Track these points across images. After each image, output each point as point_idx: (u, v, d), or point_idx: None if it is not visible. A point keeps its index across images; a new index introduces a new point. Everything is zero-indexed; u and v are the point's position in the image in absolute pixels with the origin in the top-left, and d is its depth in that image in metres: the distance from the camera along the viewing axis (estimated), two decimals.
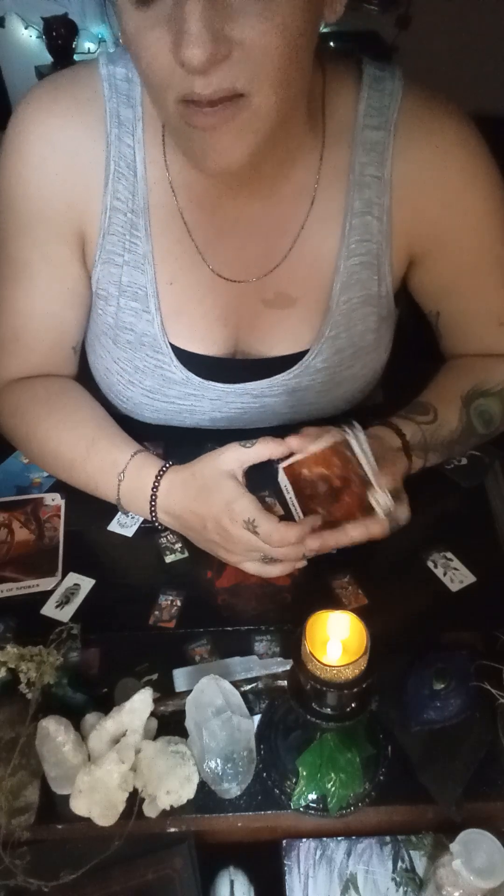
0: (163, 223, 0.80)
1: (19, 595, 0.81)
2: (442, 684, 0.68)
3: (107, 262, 0.82)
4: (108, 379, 0.92)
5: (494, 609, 0.78)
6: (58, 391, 0.89)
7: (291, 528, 0.71)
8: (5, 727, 0.68)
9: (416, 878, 0.63)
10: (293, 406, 0.91)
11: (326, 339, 0.86)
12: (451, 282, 0.87)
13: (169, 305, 0.84)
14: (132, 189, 0.78)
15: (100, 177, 0.78)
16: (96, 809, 0.62)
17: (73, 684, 0.69)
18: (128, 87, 0.76)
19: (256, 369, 0.88)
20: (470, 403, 0.86)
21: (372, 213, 0.81)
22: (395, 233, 0.82)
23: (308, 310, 0.85)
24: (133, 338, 0.86)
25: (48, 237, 0.81)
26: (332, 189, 0.80)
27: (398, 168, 0.79)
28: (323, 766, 0.64)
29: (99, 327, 0.89)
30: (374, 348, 0.90)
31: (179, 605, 0.79)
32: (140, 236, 0.80)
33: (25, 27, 2.71)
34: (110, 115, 0.76)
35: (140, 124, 0.76)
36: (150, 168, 0.78)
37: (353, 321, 0.86)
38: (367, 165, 0.79)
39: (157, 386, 0.89)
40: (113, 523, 0.87)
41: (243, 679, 0.71)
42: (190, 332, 0.86)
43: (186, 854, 0.63)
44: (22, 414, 0.88)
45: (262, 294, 0.84)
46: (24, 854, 0.62)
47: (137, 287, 0.83)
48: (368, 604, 0.79)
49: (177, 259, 0.82)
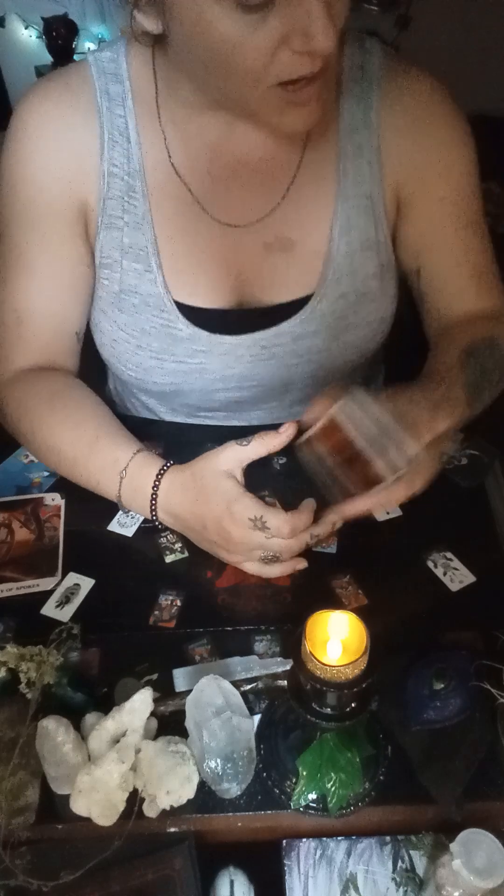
0: (159, 182, 0.85)
1: (19, 595, 0.81)
2: (442, 684, 0.68)
3: (109, 227, 0.86)
4: (115, 350, 0.93)
5: (494, 609, 0.78)
6: (62, 388, 0.90)
7: (299, 515, 0.73)
8: (5, 727, 0.68)
9: (416, 878, 0.63)
10: (303, 356, 0.91)
11: (329, 282, 0.87)
12: (431, 234, 0.90)
13: (170, 262, 0.87)
14: (127, 154, 0.83)
15: (95, 147, 0.83)
16: (96, 809, 0.62)
17: (73, 684, 0.69)
18: (114, 67, 0.83)
19: (263, 319, 0.89)
20: (466, 366, 0.83)
21: (363, 157, 0.85)
22: (385, 176, 0.86)
23: (309, 254, 0.87)
24: (138, 300, 0.88)
25: (48, 217, 0.85)
26: (323, 131, 0.84)
27: (384, 114, 0.84)
28: (323, 766, 0.64)
29: (104, 300, 0.91)
30: (378, 296, 0.91)
31: (179, 605, 0.79)
32: (137, 197, 0.85)
33: (25, 27, 2.72)
34: (100, 92, 0.82)
35: (129, 96, 0.83)
36: (143, 133, 0.83)
37: (354, 265, 0.88)
38: (354, 112, 0.84)
39: (165, 346, 0.90)
40: (113, 523, 0.87)
41: (243, 679, 0.71)
42: (193, 287, 0.88)
43: (186, 854, 0.63)
44: (27, 409, 0.89)
45: (263, 237, 0.87)
46: (24, 854, 0.62)
47: (139, 248, 0.86)
48: (368, 604, 0.79)
49: (175, 214, 0.86)
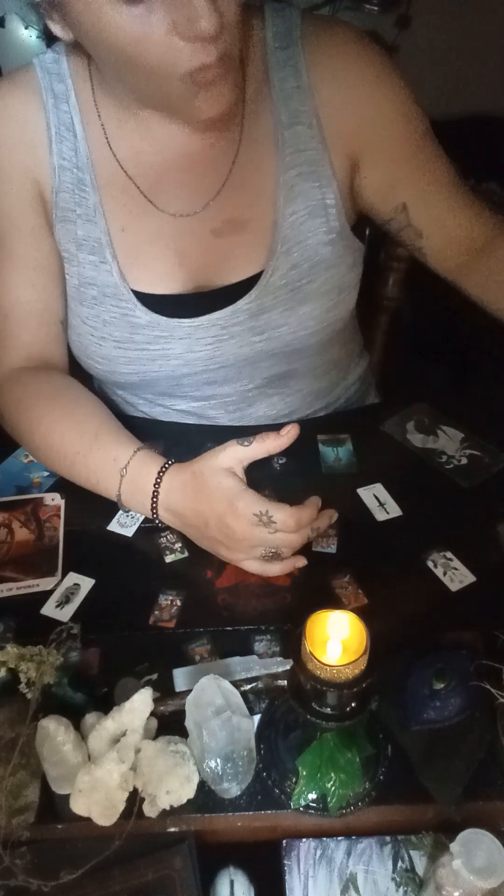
0: (106, 175, 0.88)
1: (19, 595, 0.81)
2: (442, 684, 0.68)
3: (63, 220, 0.89)
4: (80, 343, 0.95)
5: (494, 609, 0.78)
6: (61, 387, 0.91)
7: (304, 509, 0.75)
8: (5, 727, 0.68)
9: (416, 878, 0.63)
10: (262, 331, 0.91)
11: (279, 254, 0.88)
12: (398, 169, 0.90)
13: (124, 252, 0.89)
14: (74, 148, 0.87)
15: (45, 141, 0.87)
16: (96, 809, 0.62)
17: (73, 684, 0.69)
18: (57, 67, 0.87)
19: (220, 300, 0.90)
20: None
21: (301, 122, 0.86)
22: (328, 137, 0.87)
23: (258, 230, 0.89)
24: (96, 291, 0.90)
25: (17, 206, 0.88)
26: (258, 107, 0.86)
27: (314, 74, 0.85)
28: (323, 766, 0.64)
29: (68, 295, 0.93)
30: (333, 264, 0.91)
31: (179, 605, 0.79)
32: (87, 189, 0.87)
33: (25, 27, 2.71)
34: (45, 90, 0.86)
35: (72, 93, 0.86)
36: (88, 129, 0.87)
37: (302, 234, 0.89)
38: (285, 79, 0.86)
39: (127, 335, 0.91)
40: (113, 523, 0.87)
41: (243, 679, 0.71)
42: (149, 275, 0.90)
43: (186, 854, 0.63)
44: (26, 407, 0.89)
45: (210, 223, 0.88)
46: (24, 854, 0.62)
47: (93, 240, 0.89)
48: (368, 604, 0.79)
49: (124, 206, 0.88)
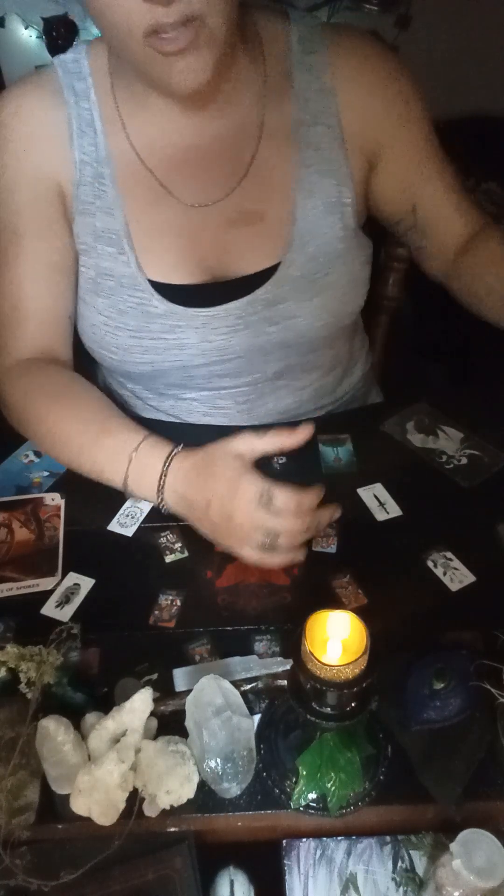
0: (125, 168, 0.90)
1: (19, 595, 0.81)
2: (442, 684, 0.68)
3: (83, 213, 0.91)
4: (95, 334, 0.95)
5: (494, 609, 0.78)
6: (69, 380, 0.92)
7: (306, 493, 0.75)
8: (5, 727, 0.68)
9: (416, 878, 0.63)
10: (277, 322, 0.93)
11: (297, 246, 0.90)
12: (413, 172, 0.95)
13: (141, 243, 0.90)
14: (94, 143, 0.89)
15: (67, 137, 0.89)
16: (96, 809, 0.62)
17: (73, 684, 0.69)
18: (77, 66, 0.89)
19: (237, 290, 0.91)
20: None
21: (321, 122, 0.89)
22: (347, 138, 0.90)
23: (276, 223, 0.91)
24: (113, 282, 0.91)
25: (32, 202, 0.90)
26: (278, 106, 0.89)
27: (338, 77, 0.89)
28: (323, 766, 0.64)
29: (83, 287, 0.94)
30: (348, 259, 0.94)
31: (179, 605, 0.79)
32: (107, 183, 0.89)
33: (25, 27, 2.71)
34: (66, 88, 0.89)
35: (92, 91, 0.89)
36: (107, 124, 0.89)
37: (320, 228, 0.91)
38: (308, 81, 0.89)
39: (142, 324, 0.92)
40: (113, 523, 0.87)
41: (243, 679, 0.71)
42: (166, 266, 0.91)
43: (186, 854, 0.63)
44: (33, 399, 0.90)
45: (228, 214, 0.90)
46: (24, 854, 0.62)
47: (111, 232, 0.90)
48: (368, 604, 0.79)
49: (143, 198, 0.90)
